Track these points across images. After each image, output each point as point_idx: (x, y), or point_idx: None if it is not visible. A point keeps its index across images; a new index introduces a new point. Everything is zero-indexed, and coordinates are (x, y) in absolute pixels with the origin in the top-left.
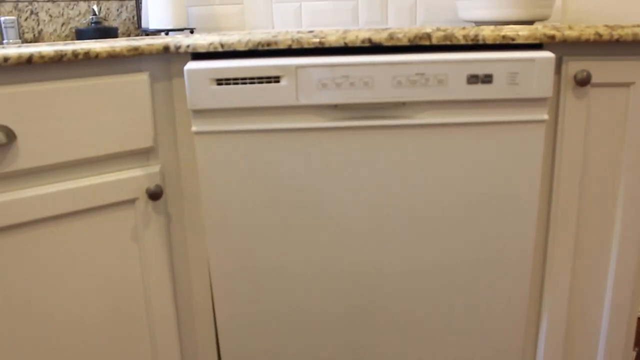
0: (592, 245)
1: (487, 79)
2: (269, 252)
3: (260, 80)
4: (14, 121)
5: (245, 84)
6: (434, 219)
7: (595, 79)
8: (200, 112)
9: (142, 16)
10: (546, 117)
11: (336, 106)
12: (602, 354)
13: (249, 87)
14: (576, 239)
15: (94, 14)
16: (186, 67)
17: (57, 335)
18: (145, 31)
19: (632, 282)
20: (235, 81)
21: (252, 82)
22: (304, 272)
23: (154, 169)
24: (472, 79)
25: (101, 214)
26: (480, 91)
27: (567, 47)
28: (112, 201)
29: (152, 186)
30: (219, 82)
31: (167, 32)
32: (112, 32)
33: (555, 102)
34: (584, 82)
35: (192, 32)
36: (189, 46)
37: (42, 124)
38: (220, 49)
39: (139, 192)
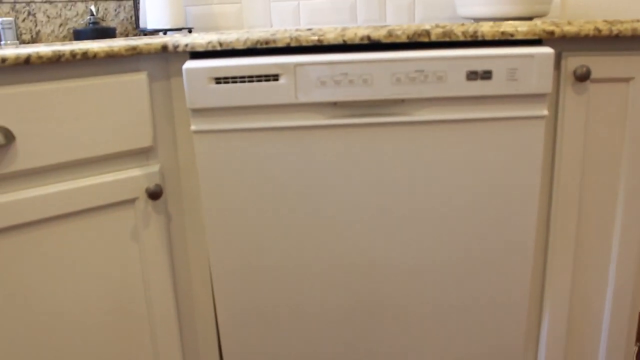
0: (593, 240)
1: (487, 75)
2: (270, 250)
3: (259, 78)
4: (13, 122)
5: (244, 82)
6: (434, 216)
7: (594, 75)
8: (199, 111)
9: (139, 16)
10: (546, 112)
11: (335, 104)
12: (604, 350)
13: (247, 85)
14: (577, 234)
15: (92, 15)
16: (185, 66)
17: (58, 335)
18: (143, 31)
19: (634, 277)
20: (234, 80)
21: (251, 81)
22: (304, 270)
23: (154, 168)
24: (472, 76)
25: (101, 214)
26: (479, 87)
27: (566, 42)
28: (111, 201)
29: (151, 186)
30: (218, 80)
31: (165, 31)
32: (110, 32)
33: (554, 98)
34: (583, 77)
35: (190, 31)
36: (187, 45)
37: (41, 125)
38: (218, 48)
39: (139, 191)
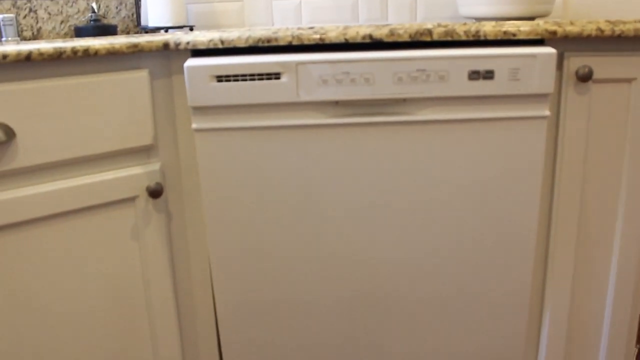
0: (594, 240)
1: (489, 75)
2: (270, 248)
3: (260, 76)
4: (14, 119)
5: (245, 80)
6: (436, 215)
7: (596, 75)
8: (200, 109)
9: (141, 14)
10: (548, 113)
11: (337, 103)
12: (604, 350)
13: (249, 83)
14: (578, 234)
15: (93, 12)
16: (186, 64)
17: (59, 332)
18: (144, 29)
19: (634, 278)
20: (235, 78)
21: (253, 79)
22: (304, 268)
23: (154, 166)
24: (474, 75)
25: (101, 212)
26: (481, 87)
27: (568, 42)
28: (112, 199)
29: (152, 184)
30: (219, 78)
31: (166, 29)
32: (111, 29)
33: (556, 98)
34: (585, 77)
35: (191, 29)
36: (188, 43)
37: (42, 122)
38: (220, 46)
39: (139, 190)
